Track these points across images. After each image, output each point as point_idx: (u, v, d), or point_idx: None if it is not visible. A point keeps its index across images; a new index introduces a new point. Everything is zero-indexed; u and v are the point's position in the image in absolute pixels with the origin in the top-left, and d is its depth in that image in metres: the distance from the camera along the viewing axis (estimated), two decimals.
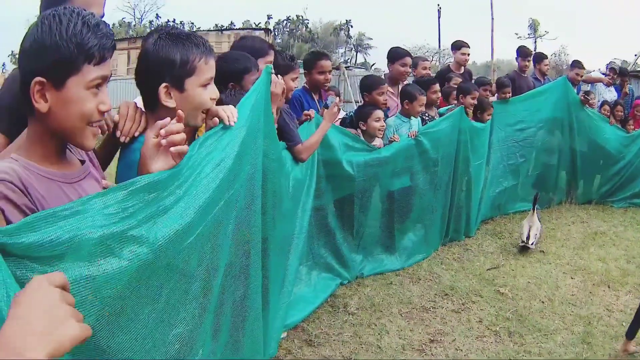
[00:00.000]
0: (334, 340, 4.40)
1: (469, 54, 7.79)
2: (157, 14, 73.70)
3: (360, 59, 73.43)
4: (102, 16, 2.40)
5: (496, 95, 7.63)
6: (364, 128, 5.19)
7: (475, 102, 6.67)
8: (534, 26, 57.93)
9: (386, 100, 5.50)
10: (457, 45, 7.75)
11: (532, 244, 6.42)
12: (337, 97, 5.11)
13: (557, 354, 4.50)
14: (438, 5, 45.09)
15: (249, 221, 2.70)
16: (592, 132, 8.75)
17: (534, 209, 6.77)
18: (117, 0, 68.14)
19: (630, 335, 4.30)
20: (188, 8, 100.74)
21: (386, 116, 5.50)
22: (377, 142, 5.37)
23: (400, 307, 4.97)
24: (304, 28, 76.63)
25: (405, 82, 6.36)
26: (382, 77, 6.54)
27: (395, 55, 6.28)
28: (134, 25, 72.06)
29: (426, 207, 6.05)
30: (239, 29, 37.09)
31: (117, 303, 1.50)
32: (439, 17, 44.52)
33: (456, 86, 6.90)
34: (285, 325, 4.20)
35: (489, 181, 7.47)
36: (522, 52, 8.61)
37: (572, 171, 8.80)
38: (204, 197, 1.98)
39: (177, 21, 72.07)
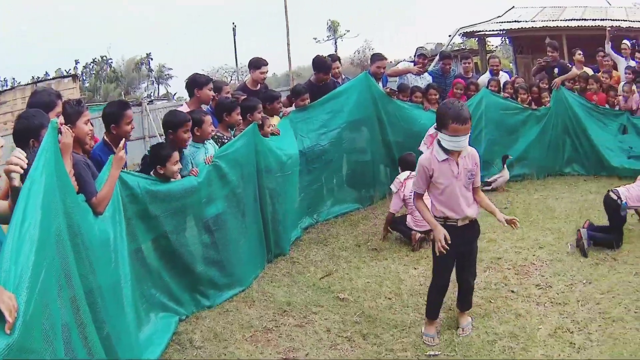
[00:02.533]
0: None
1: (267, 71, 7.99)
2: None
3: (162, 90, 73.33)
4: None
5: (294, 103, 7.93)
6: (162, 172, 5.12)
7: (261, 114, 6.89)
8: (333, 27, 60.47)
9: (190, 137, 5.65)
10: (256, 65, 7.88)
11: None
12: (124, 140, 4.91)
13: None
14: (233, 23, 45.70)
15: (69, 278, 2.92)
16: (406, 121, 9.10)
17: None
18: None
19: None
20: (4, 64, 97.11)
21: None
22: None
23: (243, 333, 5.02)
24: (109, 68, 77.19)
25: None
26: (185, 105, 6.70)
27: (196, 83, 6.42)
28: None
29: (242, 228, 6.16)
30: (52, 78, 35.37)
31: None
32: (234, 36, 45.26)
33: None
34: None
35: (302, 189, 7.66)
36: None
37: (392, 163, 9.00)
38: (24, 268, 2.29)
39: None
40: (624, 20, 20.62)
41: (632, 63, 10.57)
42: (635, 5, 31.82)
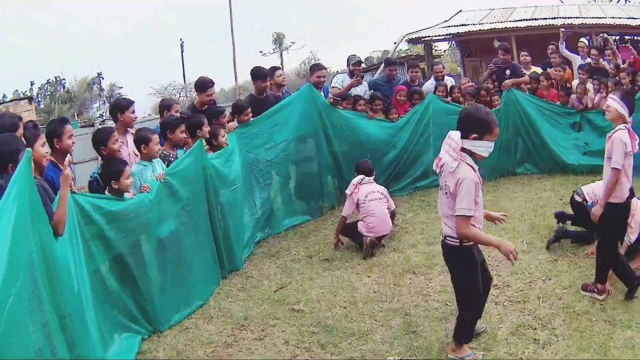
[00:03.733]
0: None
1: (213, 93, 8.06)
2: None
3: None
4: None
5: (236, 119, 8.06)
6: (116, 187, 5.26)
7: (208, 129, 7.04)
8: (278, 40, 60.54)
9: (120, 147, 5.79)
10: (202, 88, 7.91)
11: None
12: (70, 156, 4.97)
13: (383, 352, 4.75)
14: (181, 39, 45.45)
15: (41, 303, 3.06)
16: (351, 131, 9.34)
17: None
18: None
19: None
20: None
21: None
22: (128, 196, 5.50)
23: (204, 349, 5.12)
24: (62, 88, 76.83)
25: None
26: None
27: (119, 108, 6.55)
28: None
29: (195, 246, 6.28)
30: (10, 100, 34.69)
31: None
32: (182, 52, 45.04)
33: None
34: None
35: (253, 204, 7.83)
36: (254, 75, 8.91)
37: (339, 174, 9.29)
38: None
39: None
40: (576, 18, 20.88)
41: (589, 60, 10.77)
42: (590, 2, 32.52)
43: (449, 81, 11.09)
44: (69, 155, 4.77)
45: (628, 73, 9.88)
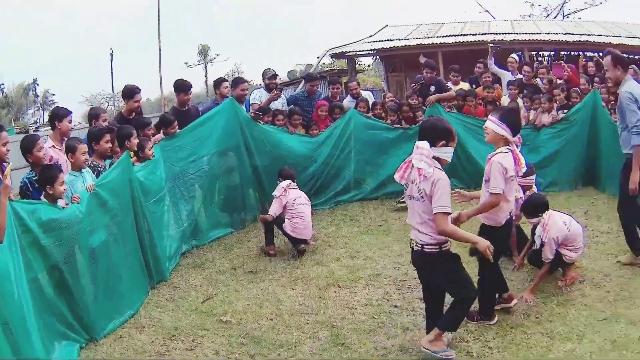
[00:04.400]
0: None
1: (140, 99, 8.23)
2: None
3: (47, 117, 70.44)
4: None
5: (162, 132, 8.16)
6: (51, 192, 5.36)
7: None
8: (203, 52, 59.58)
9: (44, 155, 5.86)
10: (129, 94, 8.10)
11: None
12: (11, 163, 5.12)
13: None
14: (111, 49, 44.53)
15: None
16: (272, 145, 9.53)
17: None
18: None
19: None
20: None
21: None
22: (61, 203, 5.55)
23: (139, 358, 5.21)
24: (1, 93, 75.67)
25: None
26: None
27: (57, 116, 6.68)
28: None
29: (125, 256, 6.35)
30: None
31: None
32: (111, 61, 44.11)
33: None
34: None
35: (178, 216, 7.93)
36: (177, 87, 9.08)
37: (260, 187, 9.49)
38: None
39: None
40: (508, 34, 21.19)
41: (520, 76, 11.15)
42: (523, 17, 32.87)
43: (368, 96, 11.29)
44: (10, 163, 4.84)
45: (562, 89, 10.29)
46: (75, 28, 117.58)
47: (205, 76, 53.03)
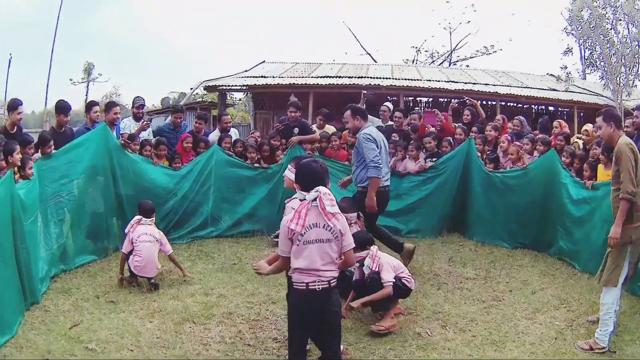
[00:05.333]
0: None
1: (22, 111, 8.39)
2: None
3: None
4: None
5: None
6: None
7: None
8: (87, 70, 56.51)
9: None
10: (12, 107, 8.25)
11: None
12: None
13: None
14: (10, 54, 42.00)
15: None
16: (137, 175, 9.76)
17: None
18: None
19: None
20: None
21: None
22: None
23: None
24: None
25: None
26: None
27: None
28: None
29: (3, 275, 6.31)
30: None
31: None
32: (8, 67, 41.25)
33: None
34: None
35: (49, 238, 7.96)
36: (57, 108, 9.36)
37: (123, 216, 9.52)
38: None
39: None
40: (387, 78, 21.49)
41: (390, 123, 11.54)
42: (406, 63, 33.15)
43: (233, 133, 11.73)
44: None
45: (434, 137, 10.80)
46: None
47: (86, 95, 50.81)
